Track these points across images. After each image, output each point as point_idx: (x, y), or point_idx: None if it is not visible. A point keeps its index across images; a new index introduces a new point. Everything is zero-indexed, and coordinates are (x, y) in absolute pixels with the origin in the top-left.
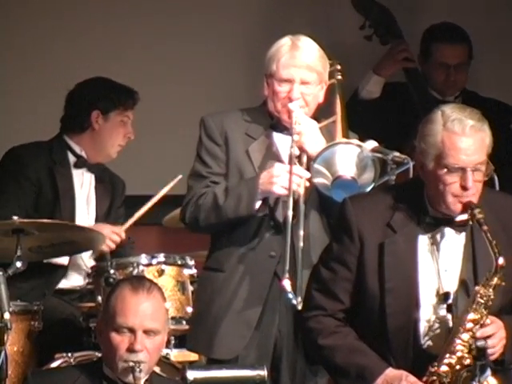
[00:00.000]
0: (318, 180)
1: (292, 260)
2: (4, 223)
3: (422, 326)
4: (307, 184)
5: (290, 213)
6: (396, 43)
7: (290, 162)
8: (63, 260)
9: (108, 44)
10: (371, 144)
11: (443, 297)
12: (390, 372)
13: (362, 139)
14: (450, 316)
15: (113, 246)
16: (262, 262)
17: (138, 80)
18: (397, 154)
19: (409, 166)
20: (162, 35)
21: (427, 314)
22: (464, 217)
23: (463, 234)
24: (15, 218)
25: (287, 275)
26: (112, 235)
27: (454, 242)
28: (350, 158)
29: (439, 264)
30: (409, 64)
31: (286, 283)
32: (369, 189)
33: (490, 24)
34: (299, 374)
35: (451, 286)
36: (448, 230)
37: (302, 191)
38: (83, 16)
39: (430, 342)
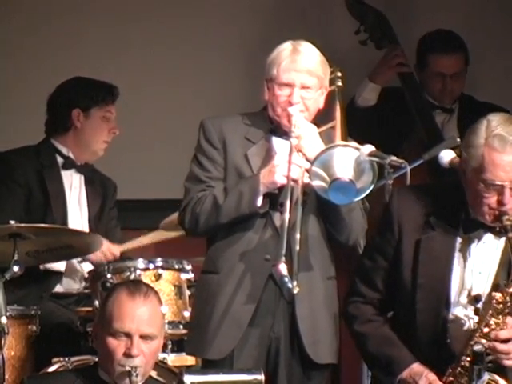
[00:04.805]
0: (315, 182)
1: (289, 262)
2: (1, 228)
3: (450, 326)
4: (306, 180)
5: (288, 201)
6: (390, 49)
7: (290, 153)
8: (60, 266)
9: (106, 49)
10: (368, 148)
11: (474, 299)
12: (416, 367)
13: (360, 145)
14: (476, 318)
15: (103, 260)
16: (257, 265)
17: (135, 85)
18: (394, 158)
19: (406, 170)
20: (161, 40)
21: (456, 314)
22: None
23: (503, 239)
24: (12, 222)
25: (283, 259)
26: (107, 253)
27: (491, 246)
28: (348, 160)
29: (473, 266)
30: (403, 69)
31: (283, 267)
32: (367, 193)
33: (486, 26)
34: (294, 378)
35: (483, 288)
36: (487, 234)
37: (300, 181)
38: (82, 22)
39: (455, 342)
